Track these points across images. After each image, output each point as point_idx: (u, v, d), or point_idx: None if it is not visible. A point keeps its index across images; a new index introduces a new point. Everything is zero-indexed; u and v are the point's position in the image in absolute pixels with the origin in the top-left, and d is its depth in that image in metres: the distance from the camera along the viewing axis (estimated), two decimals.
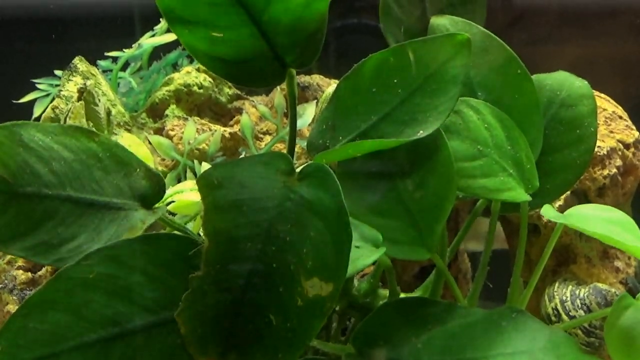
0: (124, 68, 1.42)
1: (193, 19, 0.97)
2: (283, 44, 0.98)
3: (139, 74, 1.43)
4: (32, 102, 1.38)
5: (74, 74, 1.31)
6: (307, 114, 1.28)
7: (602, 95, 1.34)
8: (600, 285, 1.22)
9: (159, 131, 1.34)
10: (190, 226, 1.06)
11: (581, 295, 1.19)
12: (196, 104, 1.38)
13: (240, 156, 1.32)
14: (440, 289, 1.11)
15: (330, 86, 1.33)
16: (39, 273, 1.22)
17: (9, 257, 1.24)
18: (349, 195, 0.90)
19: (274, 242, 0.87)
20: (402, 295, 1.08)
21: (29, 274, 1.22)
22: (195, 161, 1.26)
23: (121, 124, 1.32)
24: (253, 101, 1.40)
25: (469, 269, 1.31)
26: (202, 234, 0.88)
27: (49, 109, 1.29)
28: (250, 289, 0.86)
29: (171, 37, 1.39)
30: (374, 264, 1.02)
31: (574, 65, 1.16)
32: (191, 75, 1.38)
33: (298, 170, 0.93)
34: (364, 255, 0.96)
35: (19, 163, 0.93)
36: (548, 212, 1.03)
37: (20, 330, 0.87)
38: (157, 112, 1.37)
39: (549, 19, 1.64)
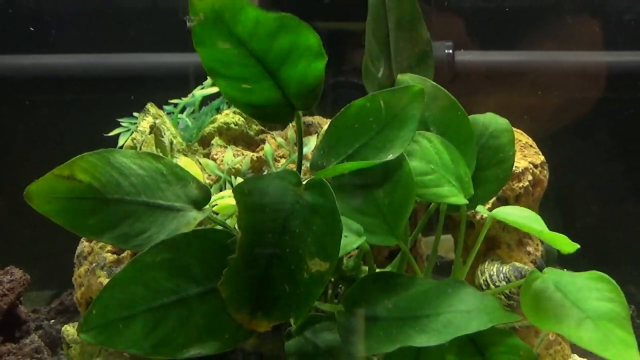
0: (182, 111, 1.42)
1: (229, 75, 0.96)
2: (293, 93, 0.97)
3: (192, 116, 1.43)
4: (117, 136, 1.38)
5: (147, 115, 1.31)
6: (311, 143, 1.28)
7: (518, 130, 1.34)
8: (517, 264, 1.21)
9: (207, 155, 1.34)
10: (228, 222, 1.06)
11: (504, 270, 1.19)
12: (233, 137, 1.37)
13: (264, 173, 1.32)
14: (404, 266, 1.10)
15: (326, 124, 1.33)
16: (122, 255, 1.22)
17: (101, 244, 1.23)
18: (340, 200, 0.90)
19: (287, 233, 0.87)
20: (377, 270, 1.07)
21: (115, 255, 1.21)
22: (232, 177, 1.25)
23: (180, 150, 1.32)
24: (273, 134, 1.39)
25: (424, 252, 1.30)
26: (237, 227, 0.87)
27: (129, 140, 1.29)
28: (270, 267, 0.86)
29: (215, 89, 1.39)
30: (357, 248, 1.01)
31: (496, 110, 1.15)
32: (229, 116, 1.38)
33: (304, 183, 0.92)
34: (350, 242, 0.96)
35: (108, 178, 0.92)
36: (482, 209, 1.03)
37: (108, 298, 0.87)
38: (205, 142, 1.37)
39: (478, 77, 1.64)
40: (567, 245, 0.95)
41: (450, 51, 1.59)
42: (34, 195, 0.89)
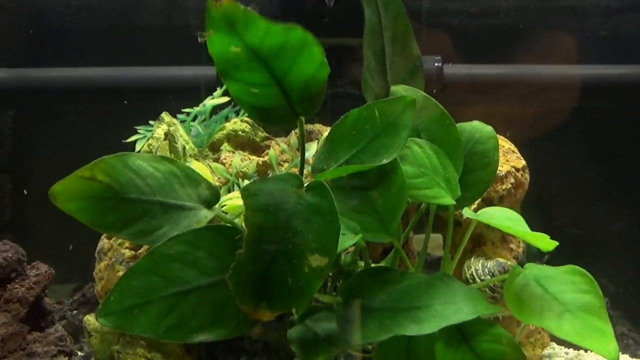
0: (194, 119, 1.41)
1: (239, 78, 0.96)
2: (296, 99, 0.97)
3: (203, 123, 1.43)
4: (135, 142, 1.38)
5: (162, 123, 1.30)
6: (312, 149, 1.27)
7: (502, 137, 1.34)
8: (501, 259, 1.20)
9: (216, 160, 1.33)
10: (236, 221, 1.05)
11: (488, 266, 1.18)
12: (240, 143, 1.37)
13: (269, 176, 1.31)
14: (397, 261, 1.10)
15: (326, 131, 1.33)
16: (139, 251, 1.21)
17: (119, 241, 1.23)
18: (338, 201, 0.89)
19: (290, 231, 0.86)
20: (373, 265, 1.07)
21: (132, 252, 1.21)
22: (240, 179, 1.25)
23: (191, 155, 1.32)
24: (277, 141, 1.39)
25: (416, 249, 1.30)
26: (244, 225, 0.87)
27: (145, 146, 1.28)
28: (274, 262, 0.86)
29: (224, 100, 1.39)
30: (354, 245, 1.01)
31: (482, 118, 1.15)
32: (237, 124, 1.38)
33: (306, 185, 0.92)
34: (347, 239, 0.95)
35: (126, 179, 0.92)
36: (467, 211, 1.03)
37: (126, 286, 0.87)
38: (215, 147, 1.37)
39: (465, 88, 1.64)
40: (546, 243, 0.95)
41: (439, 65, 1.59)
42: (57, 194, 0.89)
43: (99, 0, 1.68)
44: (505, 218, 1.01)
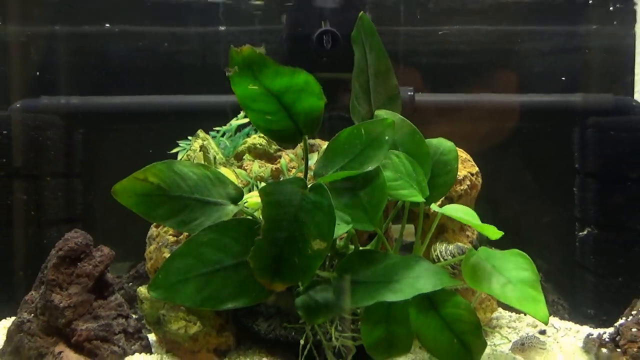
0: (222, 135, 1.41)
1: (256, 108, 0.96)
2: (301, 122, 0.97)
3: (230, 139, 1.42)
4: (177, 153, 1.37)
5: (197, 138, 1.30)
6: (314, 158, 1.27)
7: (460, 149, 1.34)
8: (459, 244, 1.20)
9: (240, 167, 1.33)
10: (255, 214, 1.05)
11: (450, 248, 1.18)
12: (258, 153, 1.37)
13: (280, 179, 1.31)
14: (379, 245, 1.10)
15: (325, 145, 1.33)
16: (180, 237, 1.21)
17: (165, 229, 1.22)
18: (334, 199, 0.90)
19: (296, 222, 0.87)
20: (361, 248, 1.06)
21: (175, 237, 1.21)
22: (258, 182, 1.25)
23: (221, 163, 1.31)
24: (287, 152, 1.39)
25: (394, 235, 1.29)
26: (261, 218, 0.87)
27: (185, 156, 1.28)
28: (285, 246, 0.86)
29: (246, 120, 1.38)
30: (346, 232, 1.00)
31: (444, 135, 1.15)
32: (256, 139, 1.37)
33: (309, 186, 0.92)
34: (341, 228, 0.95)
35: (171, 180, 0.92)
36: (434, 206, 1.03)
37: (169, 267, 0.86)
38: (239, 157, 1.36)
39: (430, 112, 1.64)
40: (494, 233, 0.95)
41: (412, 93, 1.59)
42: (118, 192, 0.89)
43: (150, 45, 1.68)
44: (462, 212, 1.01)
